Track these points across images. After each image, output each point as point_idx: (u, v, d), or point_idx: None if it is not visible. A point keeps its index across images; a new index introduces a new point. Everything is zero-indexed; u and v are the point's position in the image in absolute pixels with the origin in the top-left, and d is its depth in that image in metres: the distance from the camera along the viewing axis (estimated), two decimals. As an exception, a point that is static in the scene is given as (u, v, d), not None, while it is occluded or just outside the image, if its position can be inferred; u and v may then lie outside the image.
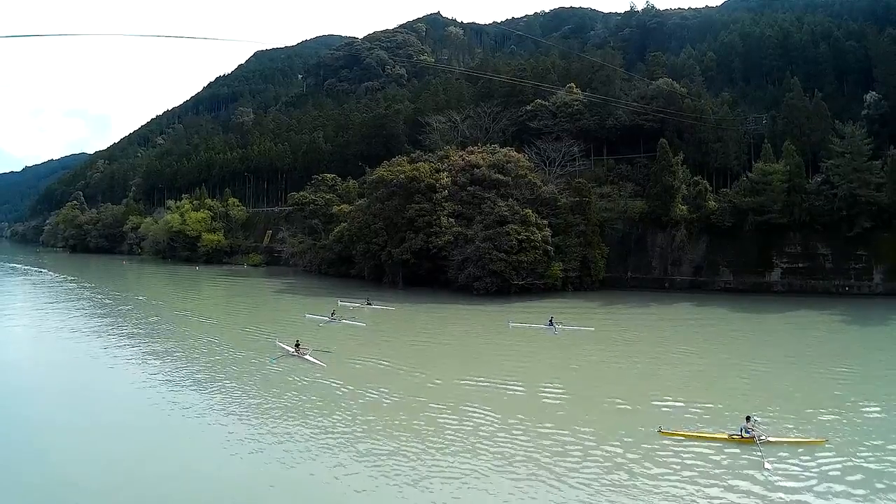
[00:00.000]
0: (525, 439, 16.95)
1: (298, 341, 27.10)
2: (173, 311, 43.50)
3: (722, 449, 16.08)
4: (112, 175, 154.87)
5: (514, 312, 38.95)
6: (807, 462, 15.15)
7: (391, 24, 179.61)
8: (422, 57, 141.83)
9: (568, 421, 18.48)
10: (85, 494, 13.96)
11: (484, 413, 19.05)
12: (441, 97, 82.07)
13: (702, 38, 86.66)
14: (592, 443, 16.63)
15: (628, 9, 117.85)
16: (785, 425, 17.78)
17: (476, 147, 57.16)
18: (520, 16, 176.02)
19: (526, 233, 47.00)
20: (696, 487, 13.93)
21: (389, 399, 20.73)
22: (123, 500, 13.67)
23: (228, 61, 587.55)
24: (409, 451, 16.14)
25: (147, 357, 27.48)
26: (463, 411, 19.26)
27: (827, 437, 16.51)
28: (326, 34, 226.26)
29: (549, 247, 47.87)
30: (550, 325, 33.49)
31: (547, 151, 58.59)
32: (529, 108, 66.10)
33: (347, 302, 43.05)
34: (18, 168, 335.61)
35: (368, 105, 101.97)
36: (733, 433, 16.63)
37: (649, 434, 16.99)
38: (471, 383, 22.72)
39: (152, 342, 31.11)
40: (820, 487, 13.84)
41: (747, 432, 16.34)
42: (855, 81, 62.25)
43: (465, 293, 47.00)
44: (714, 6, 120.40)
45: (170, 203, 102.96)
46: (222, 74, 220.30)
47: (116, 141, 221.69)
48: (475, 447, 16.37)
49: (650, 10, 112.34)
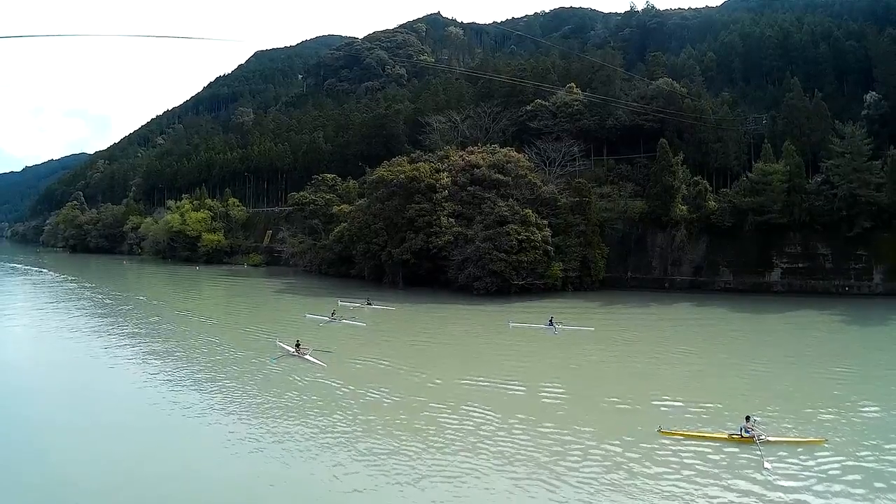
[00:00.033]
0: (525, 439, 16.98)
1: (299, 341, 27.12)
2: (174, 311, 43.55)
3: (721, 448, 16.10)
4: (112, 175, 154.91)
5: (514, 312, 38.98)
6: (806, 462, 15.18)
7: (391, 25, 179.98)
8: (422, 57, 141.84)
9: (568, 420, 18.52)
10: (85, 494, 13.98)
11: (484, 413, 19.09)
12: (441, 97, 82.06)
13: (702, 38, 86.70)
14: (592, 442, 16.66)
15: (628, 9, 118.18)
16: (784, 425, 17.81)
17: (476, 147, 57.16)
18: (520, 16, 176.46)
19: (526, 233, 47.03)
20: (696, 487, 13.96)
21: (390, 399, 20.77)
22: (123, 500, 13.69)
23: (228, 61, 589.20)
24: (410, 451, 16.18)
25: (147, 357, 27.53)
26: (463, 411, 19.30)
27: (826, 437, 16.54)
28: (326, 34, 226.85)
29: (549, 247, 47.90)
30: (550, 325, 33.51)
31: (547, 151, 58.58)
32: (529, 108, 66.08)
33: (348, 302, 43.08)
34: (18, 168, 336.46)
35: (368, 105, 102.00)
36: (733, 433, 16.65)
37: (649, 434, 17.02)
38: (471, 383, 22.76)
39: (153, 342, 31.17)
40: (819, 487, 13.86)
41: (747, 432, 16.37)
42: (855, 81, 62.26)
43: (465, 293, 47.02)
44: (714, 6, 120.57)
45: (170, 203, 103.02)
46: (222, 74, 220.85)
47: (116, 141, 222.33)
48: (475, 446, 16.41)
49: (650, 10, 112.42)
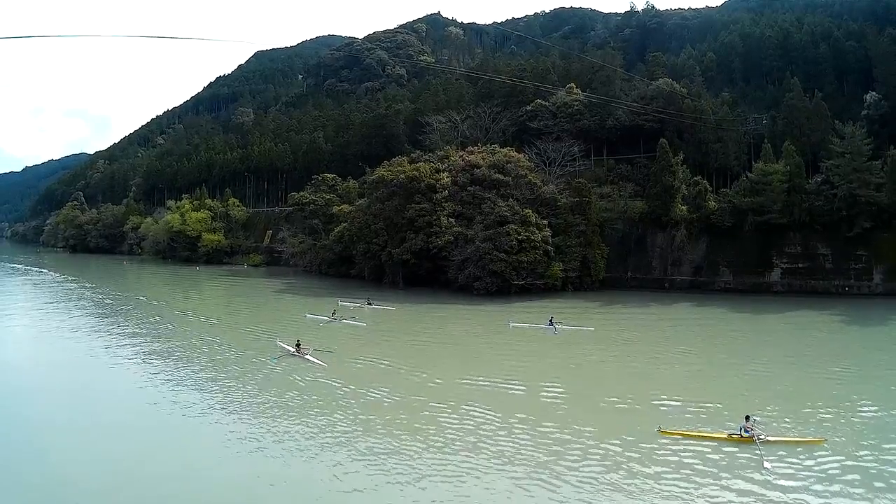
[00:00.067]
0: (525, 438, 17.01)
1: (299, 341, 27.16)
2: (174, 311, 43.55)
3: (721, 448, 16.12)
4: (112, 175, 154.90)
5: (514, 312, 39.00)
6: (806, 461, 15.20)
7: (391, 25, 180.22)
8: (422, 57, 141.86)
9: (568, 420, 18.54)
10: (85, 494, 13.99)
11: (484, 412, 19.11)
12: (441, 97, 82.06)
13: (702, 39, 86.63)
14: (592, 442, 16.68)
15: (628, 9, 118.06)
16: (784, 425, 17.83)
17: (476, 147, 57.18)
18: (520, 16, 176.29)
19: (526, 233, 47.04)
20: (696, 486, 13.98)
21: (390, 398, 20.79)
22: (123, 500, 13.70)
23: (228, 61, 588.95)
24: (410, 450, 16.20)
25: (148, 357, 27.55)
26: (463, 411, 19.32)
27: (826, 437, 16.56)
28: (326, 34, 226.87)
29: (549, 247, 47.91)
30: (550, 325, 33.53)
31: (547, 151, 58.58)
32: (529, 109, 66.08)
33: (348, 302, 43.10)
34: (18, 168, 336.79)
35: (368, 105, 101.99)
36: (732, 432, 16.67)
37: (649, 433, 17.04)
38: (471, 383, 22.79)
39: (153, 342, 31.19)
40: (819, 487, 13.88)
41: (746, 432, 16.39)
42: (855, 81, 62.22)
43: (466, 293, 47.04)
44: (714, 6, 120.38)
45: (170, 203, 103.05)
46: (222, 74, 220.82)
47: (117, 141, 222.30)
48: (475, 446, 16.44)
49: (650, 11, 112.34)
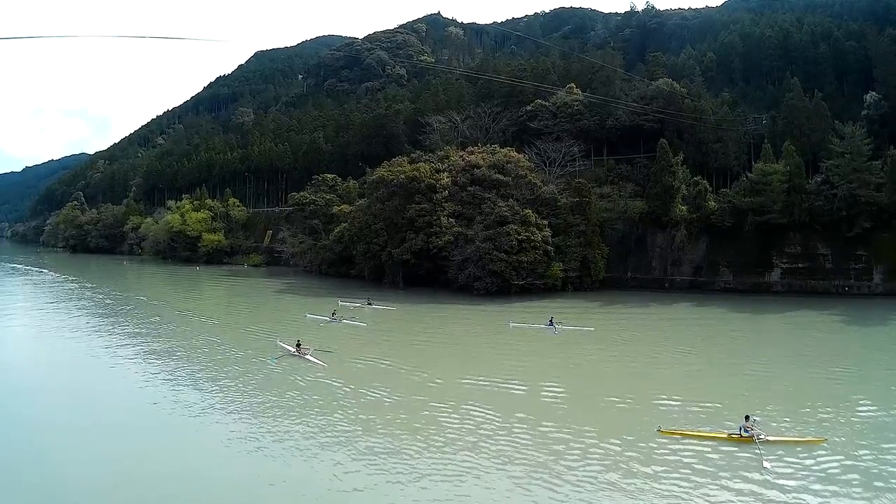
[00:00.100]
0: (525, 438, 17.03)
1: (299, 341, 27.17)
2: (174, 311, 43.57)
3: (721, 448, 16.13)
4: (112, 175, 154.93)
5: (514, 312, 39.01)
6: (805, 461, 15.22)
7: (391, 25, 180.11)
8: (422, 57, 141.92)
9: (568, 420, 18.56)
10: (85, 494, 14.00)
11: (484, 412, 19.13)
12: (441, 97, 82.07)
13: (702, 39, 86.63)
14: (592, 441, 16.70)
15: (628, 9, 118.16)
16: (784, 424, 17.84)
17: (476, 147, 57.17)
18: (520, 16, 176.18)
19: (526, 233, 47.05)
20: (695, 486, 14.00)
21: (390, 398, 20.81)
22: (124, 500, 13.71)
23: (229, 61, 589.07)
24: (410, 450, 16.22)
25: (148, 356, 27.57)
26: (463, 410, 19.35)
27: (826, 437, 16.58)
28: (326, 34, 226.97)
29: (549, 247, 47.93)
30: (550, 325, 33.54)
31: (547, 151, 58.59)
32: (529, 109, 66.09)
33: (348, 302, 43.12)
34: (18, 168, 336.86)
35: (369, 105, 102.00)
36: (732, 432, 16.69)
37: (649, 433, 17.06)
38: (471, 383, 22.81)
39: (153, 342, 31.21)
40: (818, 486, 13.90)
41: (746, 431, 16.40)
42: (855, 81, 62.23)
43: (466, 293, 47.05)
44: (714, 6, 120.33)
45: (170, 203, 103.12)
46: (222, 75, 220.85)
47: (117, 141, 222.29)
48: (476, 446, 16.45)
49: (650, 11, 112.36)
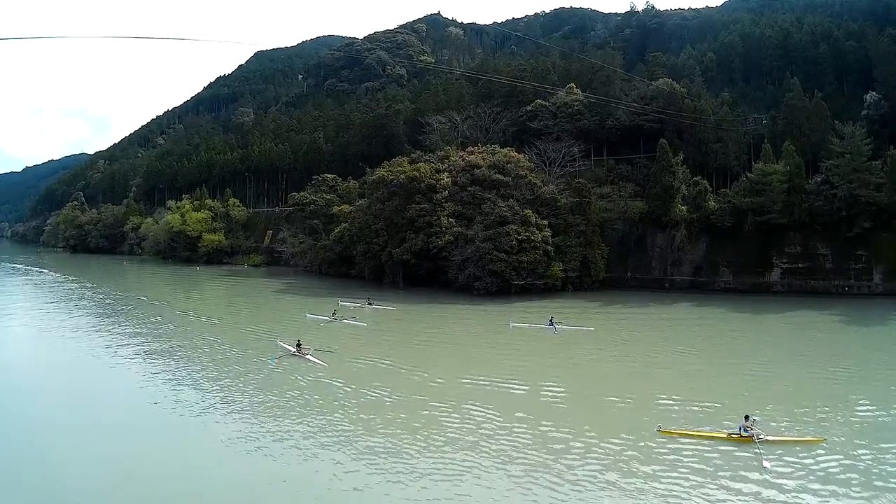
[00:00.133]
0: (525, 437, 17.06)
1: (300, 341, 27.19)
2: (174, 311, 43.58)
3: (720, 448, 16.16)
4: (112, 175, 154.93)
5: (514, 312, 39.03)
6: (805, 461, 15.24)
7: (391, 25, 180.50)
8: (422, 57, 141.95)
9: (568, 419, 18.58)
10: (85, 494, 14.02)
11: (484, 411, 19.17)
12: (441, 97, 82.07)
13: (702, 39, 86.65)
14: (592, 441, 16.72)
15: (628, 9, 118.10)
16: (783, 424, 17.86)
17: (476, 147, 57.16)
18: (520, 16, 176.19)
19: (526, 233, 47.07)
20: (695, 486, 14.02)
21: (391, 398, 20.83)
22: (124, 500, 13.73)
23: (229, 61, 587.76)
24: (411, 450, 16.25)
25: (148, 356, 27.60)
26: (464, 410, 19.37)
27: (825, 437, 16.61)
28: (326, 34, 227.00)
29: (549, 247, 47.95)
30: (550, 325, 33.56)
31: (547, 152, 58.60)
32: (529, 109, 66.10)
33: (348, 302, 43.13)
34: (18, 168, 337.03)
35: (369, 105, 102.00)
36: (732, 432, 16.72)
37: (648, 433, 17.09)
38: (471, 382, 22.84)
39: (154, 342, 31.22)
40: (818, 486, 13.92)
41: (746, 431, 16.43)
42: (855, 81, 62.24)
43: (466, 293, 47.07)
44: (714, 6, 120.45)
45: (170, 203, 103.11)
46: (223, 75, 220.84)
47: (117, 141, 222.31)
48: (476, 445, 16.48)
49: (650, 11, 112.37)
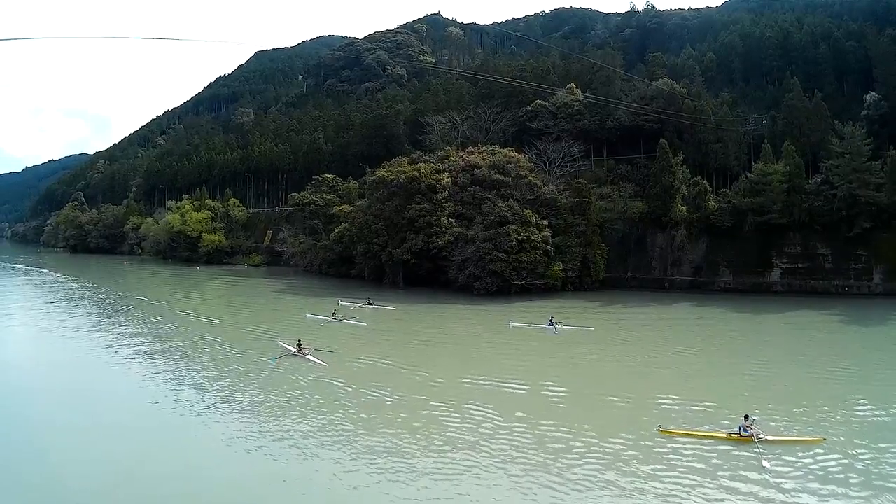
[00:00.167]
0: (525, 437, 17.07)
1: (300, 341, 27.20)
2: (175, 311, 43.58)
3: (720, 447, 16.17)
4: (112, 175, 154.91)
5: (515, 312, 39.04)
6: (805, 460, 15.25)
7: (391, 25, 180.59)
8: (422, 57, 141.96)
9: (567, 419, 18.58)
10: (85, 494, 14.02)
11: (484, 411, 19.18)
12: (441, 97, 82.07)
13: (702, 39, 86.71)
14: (592, 441, 16.74)
15: (628, 9, 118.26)
16: (783, 424, 17.87)
17: (476, 147, 57.19)
18: (520, 16, 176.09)
19: (526, 233, 47.09)
20: (694, 485, 14.03)
21: (391, 398, 20.85)
22: (124, 500, 13.73)
23: (229, 62, 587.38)
24: (411, 449, 16.26)
25: (149, 356, 27.60)
26: (464, 409, 19.39)
27: (825, 436, 16.61)
28: (326, 34, 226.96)
29: (549, 247, 47.97)
30: (550, 325, 33.57)
31: (547, 152, 58.61)
32: (530, 109, 66.13)
33: (348, 302, 43.14)
34: (18, 168, 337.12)
35: (369, 105, 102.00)
36: (732, 432, 16.73)
37: (648, 432, 17.10)
38: (471, 382, 22.85)
39: (154, 342, 31.22)
40: (817, 486, 13.94)
41: (746, 431, 16.44)
42: (855, 81, 62.28)
43: (466, 293, 47.08)
44: (714, 6, 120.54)
45: (170, 203, 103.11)
46: (223, 75, 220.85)
47: (117, 141, 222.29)
48: (476, 445, 16.49)
49: (650, 11, 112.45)
